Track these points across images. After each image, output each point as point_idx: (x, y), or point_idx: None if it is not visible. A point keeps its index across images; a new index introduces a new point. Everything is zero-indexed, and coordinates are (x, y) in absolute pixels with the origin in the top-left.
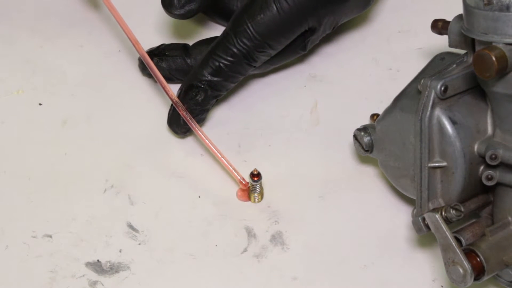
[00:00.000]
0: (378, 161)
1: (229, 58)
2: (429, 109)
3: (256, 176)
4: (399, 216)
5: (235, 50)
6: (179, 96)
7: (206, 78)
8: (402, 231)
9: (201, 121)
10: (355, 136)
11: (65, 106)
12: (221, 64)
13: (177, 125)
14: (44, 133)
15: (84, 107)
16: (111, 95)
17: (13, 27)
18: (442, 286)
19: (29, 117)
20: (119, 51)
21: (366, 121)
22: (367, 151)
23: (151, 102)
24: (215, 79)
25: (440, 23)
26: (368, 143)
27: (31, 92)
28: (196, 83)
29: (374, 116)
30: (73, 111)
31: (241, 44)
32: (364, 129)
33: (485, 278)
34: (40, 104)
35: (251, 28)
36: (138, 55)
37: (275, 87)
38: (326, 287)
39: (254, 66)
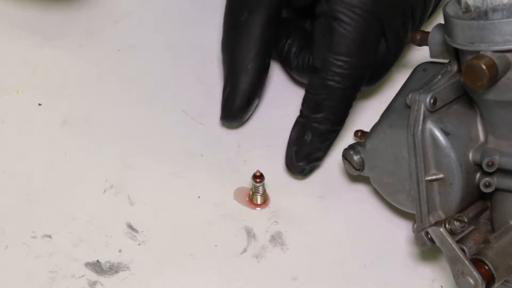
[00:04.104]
0: (370, 178)
1: (325, 91)
2: (421, 123)
3: (258, 177)
4: (399, 216)
5: (329, 82)
6: (290, 138)
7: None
8: (402, 231)
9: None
10: (343, 156)
11: (65, 106)
12: (318, 100)
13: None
14: (44, 133)
15: (84, 107)
16: (111, 95)
17: (13, 27)
18: (442, 286)
19: (29, 117)
20: (119, 51)
21: (367, 120)
22: (358, 169)
23: (152, 101)
24: (319, 115)
25: (418, 35)
26: (359, 161)
27: (31, 92)
28: (302, 123)
29: (358, 133)
30: (73, 111)
31: (331, 74)
32: (352, 147)
33: (495, 285)
34: (40, 104)
35: (332, 56)
36: None
37: (275, 87)
38: (326, 287)
39: (353, 91)
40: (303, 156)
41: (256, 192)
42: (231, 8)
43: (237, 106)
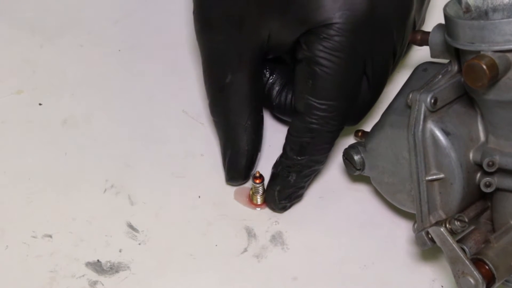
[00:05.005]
0: (370, 178)
1: (310, 135)
2: (421, 123)
3: (258, 178)
4: (400, 215)
5: (313, 126)
6: (273, 176)
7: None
8: (402, 231)
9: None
10: (344, 156)
11: (65, 106)
12: (303, 143)
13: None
14: (44, 133)
15: (84, 107)
16: (111, 95)
17: (13, 27)
18: (442, 286)
19: (29, 117)
20: (119, 50)
21: (367, 119)
22: (359, 169)
23: (152, 101)
24: (304, 157)
25: (419, 35)
26: (360, 161)
27: (31, 92)
28: (287, 164)
29: (358, 133)
30: (73, 111)
31: (315, 117)
32: (352, 147)
33: (496, 285)
34: (40, 104)
35: (316, 101)
36: None
37: None
38: (326, 287)
39: (337, 131)
40: (286, 195)
41: (256, 193)
42: (211, 72)
43: (242, 167)
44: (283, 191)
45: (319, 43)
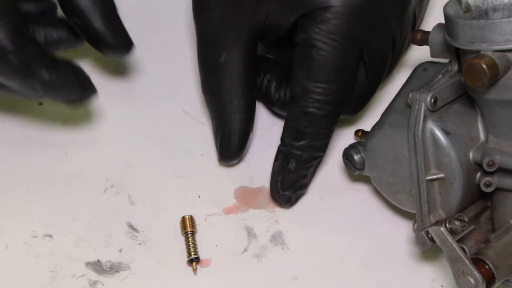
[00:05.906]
0: (370, 178)
1: (306, 119)
2: (421, 122)
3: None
4: (400, 215)
5: (309, 109)
6: (274, 167)
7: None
8: (402, 230)
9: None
10: (344, 155)
11: (65, 106)
12: (300, 128)
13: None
14: (44, 133)
15: (84, 107)
16: (111, 95)
17: None
18: (442, 286)
19: (29, 117)
20: None
21: (367, 119)
22: (359, 169)
23: (152, 101)
24: (301, 142)
25: (419, 35)
26: (360, 161)
27: None
28: (285, 151)
29: (359, 132)
30: (73, 111)
31: (311, 101)
32: (353, 147)
33: (496, 285)
34: (40, 104)
35: (311, 84)
36: None
37: None
38: (326, 287)
39: (334, 116)
40: (288, 184)
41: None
42: (206, 50)
43: (235, 146)
44: (285, 180)
45: (316, 26)
